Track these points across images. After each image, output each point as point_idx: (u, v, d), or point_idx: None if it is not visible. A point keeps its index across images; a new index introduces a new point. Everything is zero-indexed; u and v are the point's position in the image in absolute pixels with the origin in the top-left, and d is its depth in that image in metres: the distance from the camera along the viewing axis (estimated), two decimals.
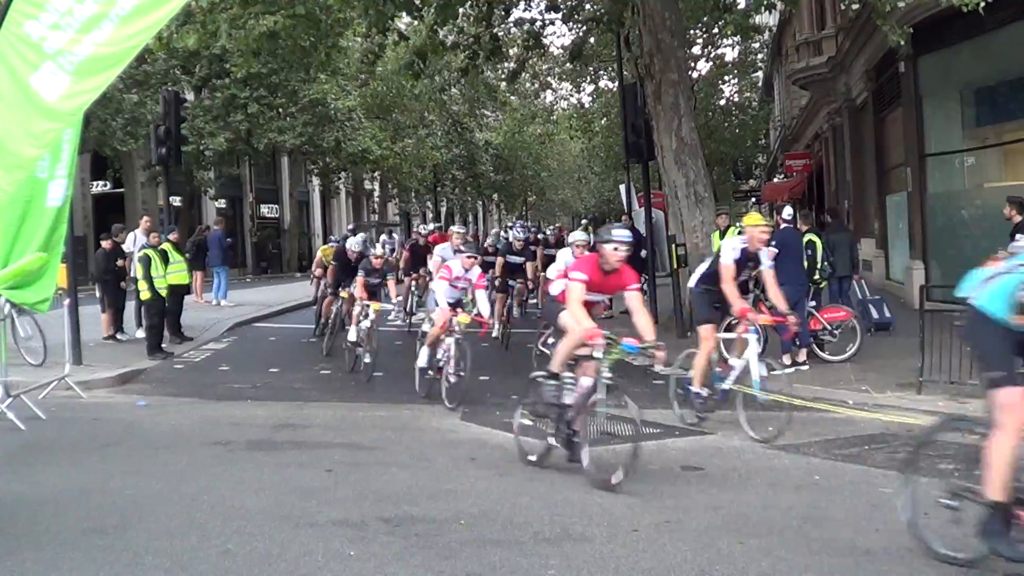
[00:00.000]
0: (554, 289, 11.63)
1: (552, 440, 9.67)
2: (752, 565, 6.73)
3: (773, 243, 15.48)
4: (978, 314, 6.69)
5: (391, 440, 11.33)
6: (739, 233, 13.62)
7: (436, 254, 19.28)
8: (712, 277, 12.13)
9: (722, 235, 18.50)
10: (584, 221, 36.87)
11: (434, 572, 6.53)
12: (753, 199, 62.98)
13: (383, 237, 29.50)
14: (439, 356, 13.64)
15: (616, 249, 9.67)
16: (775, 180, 53.55)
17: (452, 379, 13.33)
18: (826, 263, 16.34)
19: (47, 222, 11.12)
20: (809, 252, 16.33)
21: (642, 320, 9.65)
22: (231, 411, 13.27)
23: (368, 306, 15.70)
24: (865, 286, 19.31)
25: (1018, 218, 14.86)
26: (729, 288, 11.67)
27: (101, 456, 10.32)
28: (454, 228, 21.31)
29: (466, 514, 7.97)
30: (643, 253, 24.95)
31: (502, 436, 11.36)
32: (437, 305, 13.81)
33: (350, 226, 28.31)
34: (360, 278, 15.96)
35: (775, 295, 11.96)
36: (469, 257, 14.25)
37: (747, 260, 12.03)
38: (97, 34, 9.35)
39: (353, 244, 17.80)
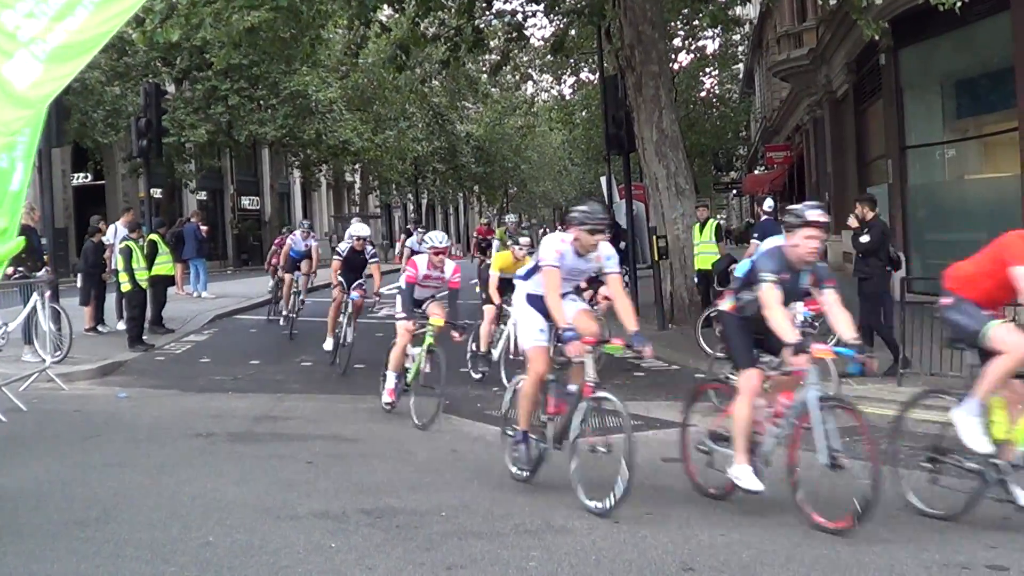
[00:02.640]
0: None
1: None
2: (734, 557, 6.75)
3: (755, 235, 15.58)
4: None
5: (372, 432, 11.33)
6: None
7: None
8: None
9: (702, 227, 18.56)
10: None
11: (415, 564, 6.53)
12: (734, 191, 63.19)
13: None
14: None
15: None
16: (756, 172, 53.71)
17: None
18: None
19: (8, 208, 11.06)
20: None
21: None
22: (212, 403, 13.25)
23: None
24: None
25: (870, 215, 14.71)
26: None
27: (82, 448, 10.29)
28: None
29: (447, 506, 7.97)
30: (622, 245, 25.04)
31: (483, 428, 11.38)
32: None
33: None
34: None
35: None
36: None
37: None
38: (71, 21, 9.28)
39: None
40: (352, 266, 16.05)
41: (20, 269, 15.68)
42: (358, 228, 16.55)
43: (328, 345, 16.28)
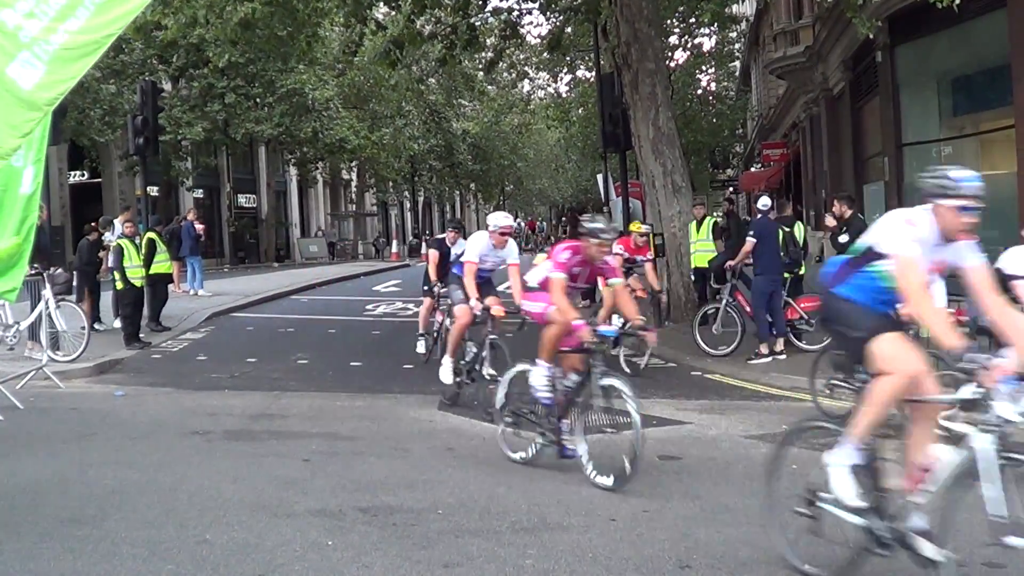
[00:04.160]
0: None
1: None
2: (730, 555, 6.74)
3: (751, 233, 15.55)
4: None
5: (369, 430, 11.33)
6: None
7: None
8: None
9: (698, 225, 18.55)
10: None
11: (412, 562, 6.53)
12: (731, 188, 63.18)
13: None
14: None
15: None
16: (752, 169, 53.66)
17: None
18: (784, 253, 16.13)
19: (19, 210, 11.07)
20: None
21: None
22: (209, 401, 13.24)
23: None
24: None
25: (848, 213, 14.64)
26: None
27: (79, 446, 10.29)
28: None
29: (444, 504, 7.97)
30: None
31: (480, 426, 11.36)
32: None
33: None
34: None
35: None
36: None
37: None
38: (72, 22, 9.27)
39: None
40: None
41: (35, 266, 15.71)
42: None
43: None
